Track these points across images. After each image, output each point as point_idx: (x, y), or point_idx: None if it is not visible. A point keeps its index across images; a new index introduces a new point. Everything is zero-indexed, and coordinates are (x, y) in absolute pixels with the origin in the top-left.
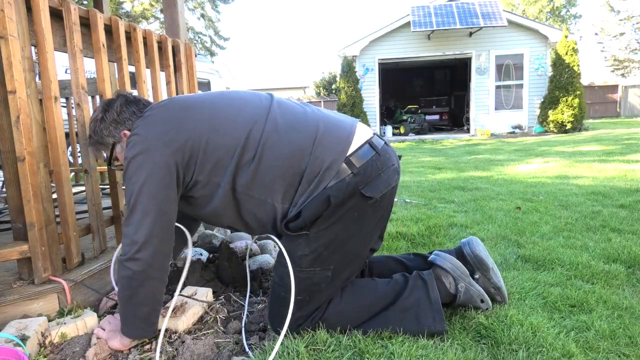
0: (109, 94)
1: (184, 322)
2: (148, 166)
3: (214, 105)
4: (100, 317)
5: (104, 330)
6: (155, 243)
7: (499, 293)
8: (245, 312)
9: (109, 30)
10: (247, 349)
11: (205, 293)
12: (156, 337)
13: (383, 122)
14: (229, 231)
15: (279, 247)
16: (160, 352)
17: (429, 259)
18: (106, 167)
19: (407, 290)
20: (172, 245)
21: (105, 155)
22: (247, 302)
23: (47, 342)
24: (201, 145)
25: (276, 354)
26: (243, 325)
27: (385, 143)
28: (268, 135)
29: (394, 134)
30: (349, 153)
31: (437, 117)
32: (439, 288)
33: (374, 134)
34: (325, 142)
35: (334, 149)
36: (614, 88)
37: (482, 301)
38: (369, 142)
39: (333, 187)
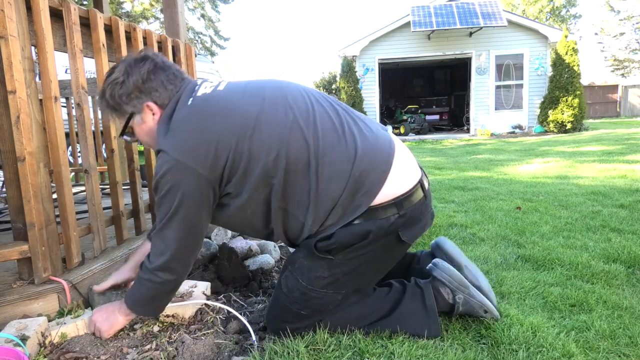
0: None
1: (191, 309)
2: (180, 189)
3: (256, 107)
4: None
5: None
6: (185, 257)
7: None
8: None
9: (109, 30)
10: (255, 344)
11: (205, 287)
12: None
13: (383, 122)
14: (229, 232)
15: (297, 259)
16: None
17: (427, 267)
18: (106, 167)
19: (405, 300)
20: (196, 256)
21: (118, 122)
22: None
23: (47, 342)
24: (242, 158)
25: (276, 354)
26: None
27: (427, 182)
28: (316, 148)
29: (394, 134)
30: (402, 194)
31: (437, 117)
32: (437, 298)
33: (421, 169)
34: (365, 166)
35: (375, 176)
36: (614, 88)
37: (485, 312)
38: (421, 184)
39: (376, 223)
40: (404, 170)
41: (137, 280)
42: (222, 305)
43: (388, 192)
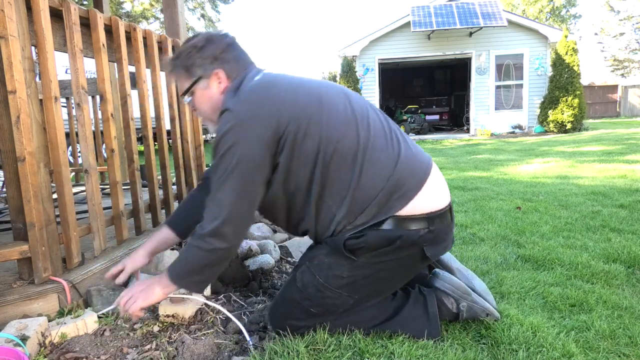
0: (109, 94)
1: (190, 309)
2: (240, 146)
3: (319, 91)
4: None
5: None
6: (238, 223)
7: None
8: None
9: (109, 30)
10: (250, 347)
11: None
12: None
13: None
14: None
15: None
16: (159, 351)
17: (428, 277)
18: (106, 167)
19: (408, 306)
20: (250, 226)
21: (181, 83)
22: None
23: (47, 342)
24: (299, 133)
25: (276, 354)
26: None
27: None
28: (365, 145)
29: None
30: (436, 209)
31: (437, 117)
32: (441, 308)
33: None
34: (404, 172)
35: (411, 183)
36: (614, 88)
37: (487, 315)
38: (450, 207)
39: (406, 232)
40: (438, 188)
41: (185, 248)
42: (220, 308)
43: (422, 204)
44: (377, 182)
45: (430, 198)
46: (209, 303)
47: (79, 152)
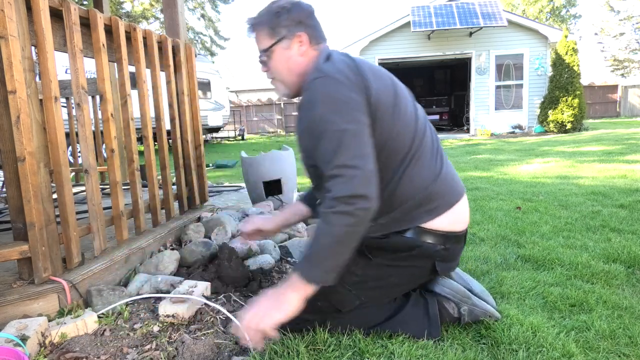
0: (109, 94)
1: (190, 309)
2: (344, 105)
3: (395, 86)
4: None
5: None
6: (372, 178)
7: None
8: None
9: (109, 30)
10: (250, 346)
11: (205, 288)
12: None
13: None
14: (229, 232)
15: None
16: (159, 351)
17: (427, 284)
18: (106, 167)
19: (408, 306)
20: (377, 182)
21: (262, 41)
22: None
23: (47, 342)
24: (377, 110)
25: (276, 354)
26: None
27: None
28: (415, 152)
29: None
30: (456, 231)
31: (437, 117)
32: (442, 313)
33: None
34: (439, 189)
35: (442, 201)
36: (614, 88)
37: (489, 316)
38: (466, 231)
39: (425, 244)
40: (463, 213)
41: (318, 226)
42: (220, 308)
43: (446, 223)
44: (415, 189)
45: (454, 220)
46: (209, 303)
47: (79, 152)
